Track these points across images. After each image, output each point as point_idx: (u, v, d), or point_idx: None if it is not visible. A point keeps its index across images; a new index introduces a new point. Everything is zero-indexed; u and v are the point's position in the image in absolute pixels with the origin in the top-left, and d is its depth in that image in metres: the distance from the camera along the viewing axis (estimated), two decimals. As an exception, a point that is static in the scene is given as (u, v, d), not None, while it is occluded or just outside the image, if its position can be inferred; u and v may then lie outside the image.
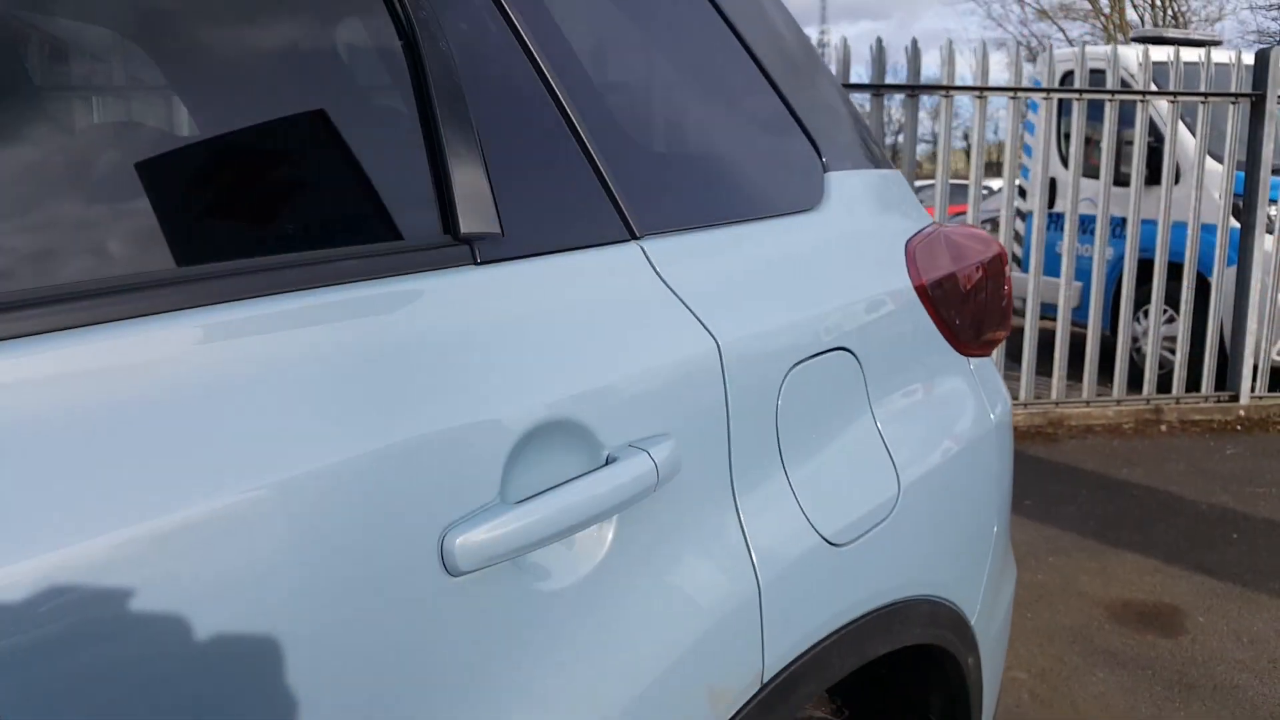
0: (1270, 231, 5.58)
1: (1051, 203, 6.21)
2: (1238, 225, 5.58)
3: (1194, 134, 5.49)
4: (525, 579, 0.79)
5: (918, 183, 8.24)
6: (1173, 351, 5.71)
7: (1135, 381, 5.64)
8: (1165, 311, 5.71)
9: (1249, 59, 5.47)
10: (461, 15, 0.89)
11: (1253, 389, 5.67)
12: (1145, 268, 5.49)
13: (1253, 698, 2.69)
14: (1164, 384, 5.66)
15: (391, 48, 0.86)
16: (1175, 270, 5.53)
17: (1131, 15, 24.55)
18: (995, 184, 11.91)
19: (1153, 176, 5.47)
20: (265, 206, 0.81)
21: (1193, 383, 5.66)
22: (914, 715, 1.45)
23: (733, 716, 0.95)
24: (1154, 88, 5.40)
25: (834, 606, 1.07)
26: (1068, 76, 6.15)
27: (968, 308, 1.41)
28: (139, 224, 0.74)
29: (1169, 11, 24.09)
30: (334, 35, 0.91)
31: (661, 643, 0.89)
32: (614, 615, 0.85)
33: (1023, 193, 6.51)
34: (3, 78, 0.85)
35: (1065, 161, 6.30)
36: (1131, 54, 5.83)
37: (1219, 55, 5.60)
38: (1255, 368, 5.67)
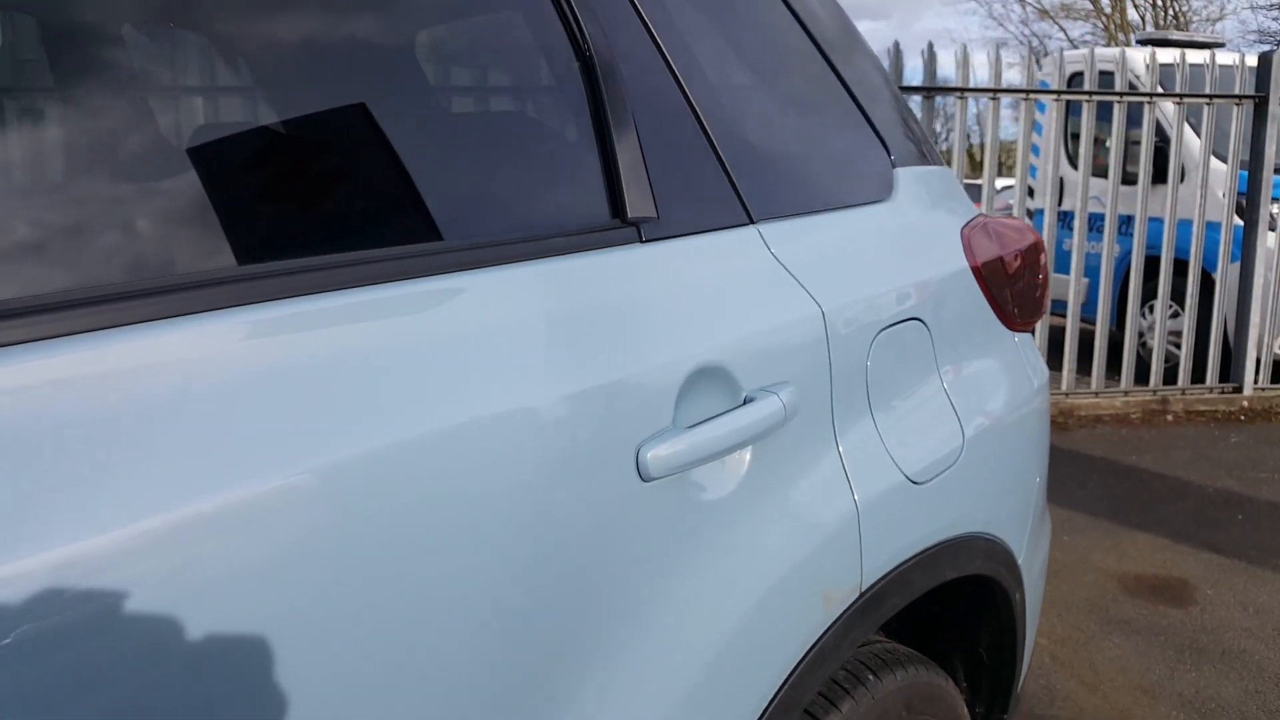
0: (1272, 229, 5.74)
1: (1060, 201, 6.39)
2: (1241, 223, 5.75)
3: (1199, 134, 5.65)
4: (690, 491, 1.00)
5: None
6: (1178, 345, 5.87)
7: (1142, 374, 5.83)
8: (1171, 306, 5.88)
9: (1252, 61, 5.64)
10: (624, 39, 1.09)
11: (1256, 380, 5.84)
12: (1151, 264, 5.66)
13: (1259, 661, 2.89)
14: (1170, 376, 5.84)
15: (572, 69, 1.07)
16: (1180, 267, 5.70)
17: (1133, 15, 24.74)
18: (998, 182, 12.08)
19: (1159, 176, 5.64)
20: (492, 201, 1.01)
21: (1198, 375, 5.83)
22: (960, 650, 1.65)
23: (838, 616, 1.15)
24: (1160, 90, 5.58)
25: (915, 533, 1.27)
26: (1075, 78, 6.31)
27: (1012, 288, 1.61)
28: (393, 204, 0.94)
29: (1170, 11, 24.24)
30: (530, 64, 1.12)
31: (786, 551, 1.09)
32: (752, 525, 1.06)
33: (1031, 192, 6.69)
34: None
35: (1072, 161, 6.47)
36: (1139, 57, 6.01)
37: (1223, 58, 5.77)
38: (1258, 360, 5.84)
